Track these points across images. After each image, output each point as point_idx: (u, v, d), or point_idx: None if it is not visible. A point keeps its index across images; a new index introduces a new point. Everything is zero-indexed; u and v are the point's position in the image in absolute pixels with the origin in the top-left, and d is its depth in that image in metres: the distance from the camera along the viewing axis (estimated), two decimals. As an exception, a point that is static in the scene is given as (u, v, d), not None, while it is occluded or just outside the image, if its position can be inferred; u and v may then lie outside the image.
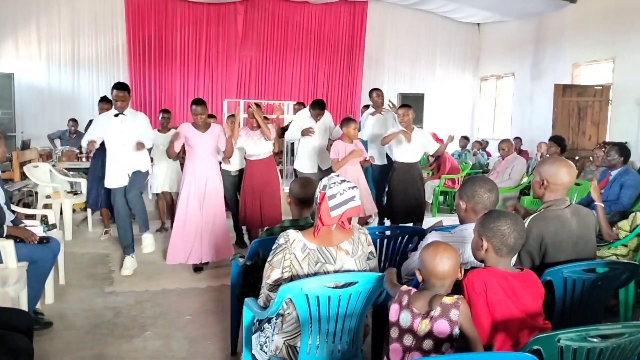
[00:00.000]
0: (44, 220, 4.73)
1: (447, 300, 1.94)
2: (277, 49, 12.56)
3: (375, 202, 6.11)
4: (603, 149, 6.54)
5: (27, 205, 6.44)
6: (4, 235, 3.52)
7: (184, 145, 5.18)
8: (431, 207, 8.38)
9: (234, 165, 5.95)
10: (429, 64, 13.57)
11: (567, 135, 8.56)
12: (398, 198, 5.64)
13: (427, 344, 1.93)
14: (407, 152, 5.70)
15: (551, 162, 2.81)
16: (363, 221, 5.87)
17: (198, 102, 5.09)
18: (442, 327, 1.92)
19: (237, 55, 12.24)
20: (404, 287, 2.08)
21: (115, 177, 5.06)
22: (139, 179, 5.10)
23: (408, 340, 1.98)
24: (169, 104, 11.60)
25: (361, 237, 2.46)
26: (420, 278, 2.06)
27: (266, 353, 2.37)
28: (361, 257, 2.42)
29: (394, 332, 2.03)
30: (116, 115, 5.00)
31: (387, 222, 5.94)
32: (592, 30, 9.61)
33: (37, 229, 3.88)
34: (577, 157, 8.72)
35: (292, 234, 2.35)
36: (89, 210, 6.70)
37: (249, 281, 2.90)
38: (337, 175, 2.41)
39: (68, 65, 11.38)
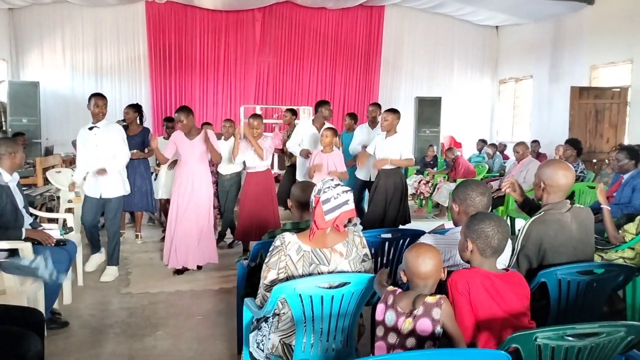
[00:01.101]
0: (65, 223, 4.90)
1: (430, 299, 2.01)
2: (295, 55, 12.72)
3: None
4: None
5: (50, 210, 6.65)
6: (23, 237, 3.69)
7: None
8: (447, 210, 8.40)
9: (227, 169, 6.11)
10: (447, 68, 13.56)
11: (584, 138, 8.50)
12: (376, 204, 5.63)
13: (410, 342, 2.00)
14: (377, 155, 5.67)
15: (548, 165, 2.85)
16: None
17: (179, 109, 5.22)
18: (424, 325, 1.98)
19: (255, 62, 12.43)
20: (390, 288, 2.15)
21: (92, 187, 5.04)
22: (116, 206, 5.11)
23: (392, 338, 2.06)
24: (189, 111, 11.83)
25: (355, 239, 2.53)
26: (404, 279, 2.13)
27: (263, 351, 2.47)
28: (355, 259, 2.49)
29: (379, 331, 2.11)
30: (91, 129, 4.97)
31: None
32: (610, 32, 9.51)
33: (55, 232, 4.04)
34: (594, 160, 8.65)
35: (288, 236, 2.44)
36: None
37: (252, 282, 2.99)
38: (332, 180, 2.49)
39: (91, 74, 11.74)
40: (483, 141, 11.62)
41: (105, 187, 5.00)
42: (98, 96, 4.99)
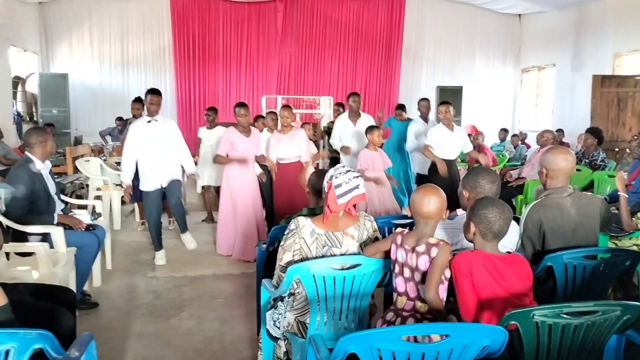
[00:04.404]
0: (94, 209, 5.12)
1: (432, 240, 2.24)
2: (316, 45, 12.79)
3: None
4: (639, 140, 6.46)
5: (79, 197, 6.93)
6: (55, 222, 3.90)
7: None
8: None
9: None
10: (469, 57, 13.48)
11: (606, 126, 8.43)
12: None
13: (417, 276, 2.24)
14: (447, 149, 5.87)
15: (549, 151, 2.95)
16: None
17: (242, 105, 5.48)
18: (424, 261, 2.22)
19: (277, 52, 12.53)
20: (399, 229, 2.39)
21: (152, 181, 5.16)
22: (178, 186, 5.28)
23: (407, 272, 2.31)
24: (212, 101, 12.03)
25: (367, 223, 2.65)
26: (409, 214, 2.36)
27: (279, 328, 2.61)
28: (367, 242, 2.61)
29: (395, 269, 2.37)
30: (149, 122, 5.09)
31: None
32: (633, 19, 9.35)
33: (84, 217, 4.25)
34: (616, 149, 8.57)
35: (302, 220, 2.58)
36: (136, 202, 7.11)
37: (271, 265, 3.14)
38: (343, 166, 2.62)
39: (118, 66, 12.01)
40: (505, 130, 11.57)
41: (164, 177, 5.19)
42: (154, 93, 5.11)
